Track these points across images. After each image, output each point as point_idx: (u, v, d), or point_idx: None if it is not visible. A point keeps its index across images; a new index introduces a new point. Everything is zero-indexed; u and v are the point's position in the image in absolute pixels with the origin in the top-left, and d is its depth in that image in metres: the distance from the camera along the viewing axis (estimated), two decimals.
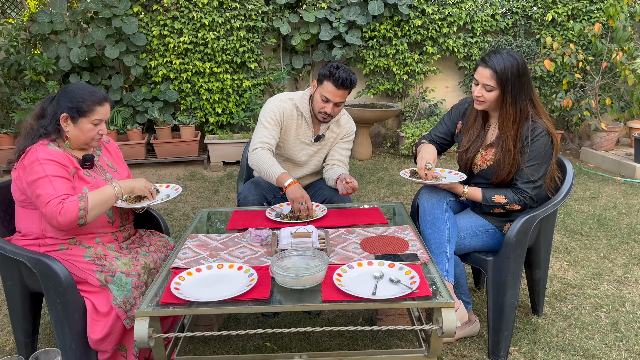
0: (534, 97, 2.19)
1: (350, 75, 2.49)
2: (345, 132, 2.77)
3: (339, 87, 2.47)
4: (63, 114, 1.99)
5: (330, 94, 2.49)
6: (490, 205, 2.23)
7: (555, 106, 5.76)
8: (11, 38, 5.22)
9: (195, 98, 5.71)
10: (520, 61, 2.13)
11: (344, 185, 2.41)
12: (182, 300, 1.65)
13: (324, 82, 2.51)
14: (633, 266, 3.08)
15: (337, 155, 2.74)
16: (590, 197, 4.38)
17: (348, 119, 2.80)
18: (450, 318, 1.64)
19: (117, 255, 2.01)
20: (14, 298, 2.08)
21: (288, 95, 2.71)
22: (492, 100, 2.17)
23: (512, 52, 2.15)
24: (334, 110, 2.55)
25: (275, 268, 1.72)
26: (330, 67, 2.50)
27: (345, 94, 2.53)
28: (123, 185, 2.02)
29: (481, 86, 2.17)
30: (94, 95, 2.02)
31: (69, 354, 1.90)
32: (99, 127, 2.05)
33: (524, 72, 2.14)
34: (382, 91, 6.18)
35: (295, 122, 2.67)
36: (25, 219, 2.03)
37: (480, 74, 2.17)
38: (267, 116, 2.63)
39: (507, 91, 2.13)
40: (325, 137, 2.73)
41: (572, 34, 5.94)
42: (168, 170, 5.55)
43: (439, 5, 5.83)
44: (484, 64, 2.15)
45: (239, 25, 5.52)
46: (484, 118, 2.30)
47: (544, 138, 2.15)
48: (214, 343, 2.34)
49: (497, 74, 2.11)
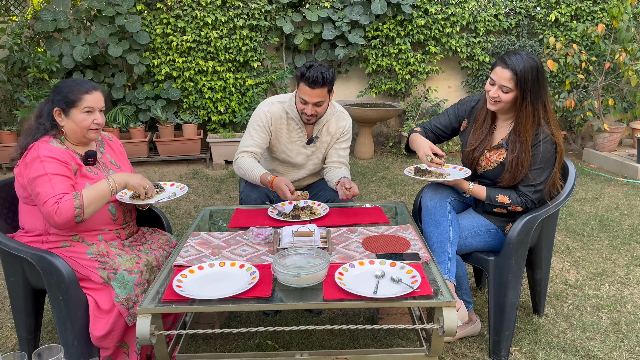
0: (547, 103, 2.16)
1: (323, 71, 2.38)
2: (340, 131, 2.70)
3: (312, 87, 2.39)
4: (56, 109, 2.02)
5: (306, 95, 2.42)
6: (493, 205, 2.22)
7: (558, 106, 5.75)
8: (15, 36, 5.24)
9: (197, 96, 5.72)
10: (540, 64, 2.10)
11: (343, 191, 2.38)
12: (184, 298, 1.66)
13: (299, 84, 2.44)
14: (635, 267, 3.07)
15: (336, 157, 2.71)
16: (592, 198, 4.37)
17: (342, 116, 2.71)
18: (451, 317, 1.65)
19: (119, 253, 2.02)
20: (17, 295, 2.09)
21: (278, 98, 2.66)
22: (507, 101, 2.14)
23: (531, 54, 2.11)
24: (315, 110, 2.47)
25: (277, 266, 1.73)
26: (303, 67, 2.42)
27: (322, 92, 2.42)
28: (117, 180, 2.02)
29: (498, 87, 2.13)
30: (81, 84, 2.04)
31: (71, 350, 1.91)
32: (93, 117, 2.04)
33: (542, 76, 2.10)
34: (385, 91, 6.18)
35: (286, 125, 2.63)
36: (29, 215, 2.04)
37: (498, 74, 2.12)
38: (255, 123, 2.61)
39: (527, 94, 2.09)
40: (320, 138, 2.67)
41: (575, 35, 5.93)
42: (170, 168, 5.56)
43: (442, 5, 5.82)
44: (504, 64, 2.10)
45: (242, 24, 5.53)
46: (492, 120, 2.29)
47: (547, 143, 2.14)
48: (216, 341, 2.34)
49: (517, 75, 2.07)
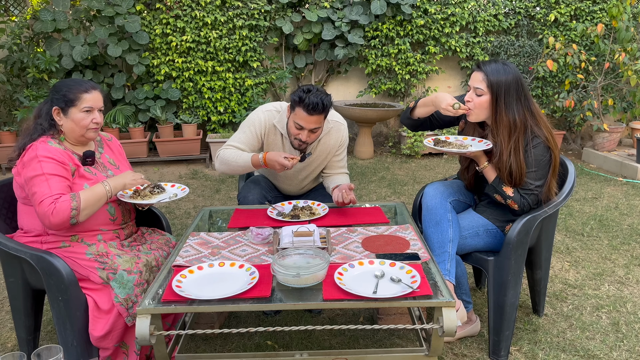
0: (534, 109, 2.16)
1: (323, 98, 2.29)
2: (337, 147, 2.62)
3: (311, 113, 2.29)
4: (54, 108, 2.02)
5: (303, 120, 2.32)
6: (497, 190, 2.18)
7: (558, 106, 5.76)
8: (14, 36, 5.24)
9: (197, 97, 5.71)
10: (516, 71, 2.12)
11: (341, 194, 2.35)
12: (184, 298, 1.66)
13: (296, 109, 2.33)
14: (634, 267, 3.07)
15: (334, 169, 2.68)
16: (592, 198, 4.38)
17: (337, 129, 2.61)
18: (451, 317, 1.65)
19: (119, 253, 2.02)
20: (16, 295, 2.09)
21: (275, 107, 2.56)
22: (481, 106, 2.14)
23: (507, 62, 2.15)
24: (309, 137, 2.38)
25: (277, 266, 1.73)
26: (301, 91, 2.31)
27: (319, 119, 2.34)
28: (113, 184, 2.02)
29: (472, 90, 2.16)
30: (80, 84, 2.04)
31: (70, 351, 1.90)
32: (92, 116, 2.04)
33: (518, 82, 2.11)
34: (384, 91, 6.18)
35: (281, 140, 2.56)
36: (27, 216, 2.03)
37: (473, 78, 2.17)
38: (249, 126, 2.53)
39: (500, 98, 2.10)
40: (314, 154, 2.59)
41: (574, 35, 5.93)
42: (170, 168, 5.56)
43: (442, 5, 5.82)
44: (478, 68, 2.16)
45: (242, 24, 5.53)
46: (482, 128, 2.30)
47: (540, 147, 2.12)
48: (215, 341, 2.34)
49: (488, 77, 2.10)
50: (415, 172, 5.26)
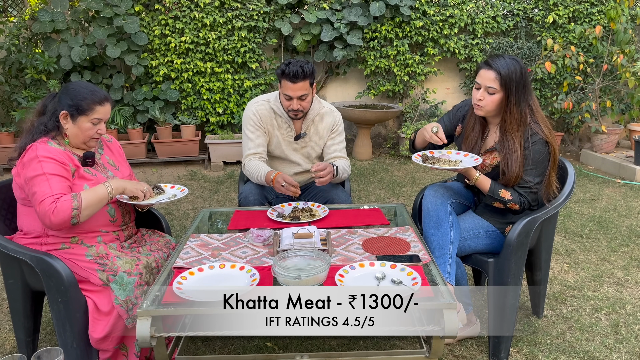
0: (533, 104, 2.18)
1: (303, 65, 2.46)
2: (331, 127, 2.74)
3: (294, 81, 2.47)
4: (63, 111, 2.00)
5: (289, 90, 2.50)
6: (494, 198, 2.20)
7: (556, 108, 5.76)
8: (12, 36, 5.22)
9: (196, 98, 5.71)
10: (522, 65, 2.15)
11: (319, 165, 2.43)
12: (184, 300, 1.65)
13: (281, 81, 2.52)
14: (633, 268, 3.08)
15: (332, 153, 2.74)
16: (590, 200, 4.38)
17: (330, 112, 2.76)
18: (451, 319, 1.65)
19: (118, 255, 2.01)
20: (15, 296, 2.08)
21: (263, 97, 2.73)
22: (493, 104, 2.16)
23: (513, 56, 2.17)
24: (300, 104, 2.54)
25: (277, 268, 1.72)
26: (282, 64, 2.51)
27: (304, 85, 2.50)
28: (115, 185, 2.01)
29: (484, 89, 2.16)
30: (95, 94, 2.02)
31: (70, 352, 1.90)
32: (98, 127, 2.05)
33: (526, 76, 2.15)
34: (383, 92, 6.18)
35: (275, 122, 2.69)
36: (27, 217, 2.03)
37: (483, 76, 2.16)
38: (248, 125, 2.68)
39: (512, 94, 2.13)
40: (309, 134, 2.72)
41: (573, 36, 5.94)
42: (168, 169, 5.55)
43: (440, 7, 5.83)
44: (487, 66, 2.15)
45: (241, 25, 5.52)
46: (482, 125, 2.30)
47: (538, 144, 2.14)
48: (215, 343, 2.34)
49: (501, 75, 2.11)
50: (414, 174, 5.26)
